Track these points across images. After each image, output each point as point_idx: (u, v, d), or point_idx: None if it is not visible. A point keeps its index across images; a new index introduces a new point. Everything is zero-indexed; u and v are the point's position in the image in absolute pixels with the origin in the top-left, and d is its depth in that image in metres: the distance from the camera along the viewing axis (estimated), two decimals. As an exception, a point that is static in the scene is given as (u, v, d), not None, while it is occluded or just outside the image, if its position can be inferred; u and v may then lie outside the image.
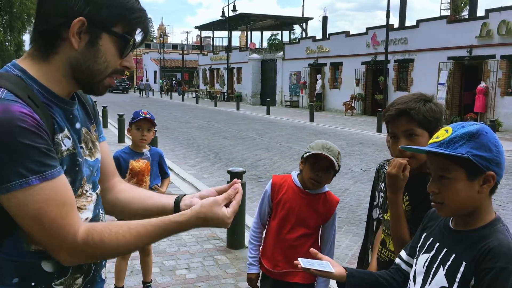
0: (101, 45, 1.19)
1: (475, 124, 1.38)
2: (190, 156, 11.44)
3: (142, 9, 1.24)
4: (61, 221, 1.11)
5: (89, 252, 1.16)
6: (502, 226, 1.37)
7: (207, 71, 46.04)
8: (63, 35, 1.15)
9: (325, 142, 2.49)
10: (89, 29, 1.16)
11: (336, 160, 2.42)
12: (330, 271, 1.55)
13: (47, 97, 1.18)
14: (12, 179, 1.04)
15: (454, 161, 1.34)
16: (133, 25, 1.22)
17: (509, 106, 17.56)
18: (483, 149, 1.33)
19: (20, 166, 1.04)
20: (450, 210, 1.41)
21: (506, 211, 6.77)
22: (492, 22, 18.38)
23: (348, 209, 6.81)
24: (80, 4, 1.14)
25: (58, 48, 1.18)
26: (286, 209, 2.55)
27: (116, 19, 1.18)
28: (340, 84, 27.51)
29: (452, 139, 1.35)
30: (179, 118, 21.83)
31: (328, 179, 2.51)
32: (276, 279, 2.59)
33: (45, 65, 1.19)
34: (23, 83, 1.14)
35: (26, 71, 1.17)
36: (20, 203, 1.06)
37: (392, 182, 1.81)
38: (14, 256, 1.15)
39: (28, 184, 1.05)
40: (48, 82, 1.19)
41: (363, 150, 12.53)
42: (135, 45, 1.26)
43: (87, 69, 1.20)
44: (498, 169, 1.36)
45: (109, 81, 1.26)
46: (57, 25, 1.15)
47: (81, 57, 1.18)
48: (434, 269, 1.42)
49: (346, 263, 4.86)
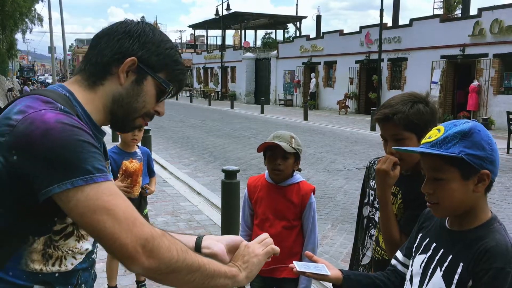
0: (145, 85, 1.29)
1: (468, 122, 1.36)
2: (184, 155, 11.42)
3: (183, 64, 1.38)
4: (134, 212, 1.10)
5: (167, 247, 1.10)
6: (499, 225, 1.35)
7: (201, 70, 45.95)
8: (113, 70, 1.26)
9: (276, 132, 2.58)
10: (138, 70, 1.27)
11: (288, 144, 2.47)
12: (326, 274, 1.54)
13: (87, 121, 1.24)
14: (78, 175, 1.05)
15: (447, 161, 1.32)
16: (175, 75, 1.33)
17: (502, 104, 17.66)
18: (476, 147, 1.31)
19: (87, 163, 1.07)
20: (445, 210, 1.39)
21: (499, 208, 6.82)
22: (485, 21, 18.48)
23: (342, 207, 6.83)
24: (135, 46, 1.26)
25: (105, 81, 1.27)
26: (263, 206, 2.63)
27: (163, 67, 1.30)
28: (334, 82, 27.56)
29: (444, 139, 1.33)
30: (173, 117, 21.78)
31: (289, 166, 2.55)
32: (265, 276, 2.61)
33: (91, 93, 1.27)
34: (71, 103, 1.21)
35: (73, 94, 1.25)
36: (89, 197, 1.05)
37: (382, 179, 1.79)
38: (10, 277, 1.13)
39: (93, 181, 1.07)
40: (90, 109, 1.26)
41: (357, 149, 12.56)
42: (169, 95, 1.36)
43: (126, 104, 1.29)
44: (493, 167, 1.33)
45: (140, 121, 1.35)
46: (111, 60, 1.25)
47: (125, 92, 1.28)
48: (431, 270, 1.40)
49: (340, 261, 4.87)
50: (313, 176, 8.89)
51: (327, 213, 6.56)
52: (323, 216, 6.35)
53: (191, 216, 6.23)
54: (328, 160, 10.84)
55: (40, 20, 34.86)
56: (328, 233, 5.77)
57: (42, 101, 1.13)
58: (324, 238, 5.54)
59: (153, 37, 1.29)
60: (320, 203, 6.78)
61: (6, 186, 1.08)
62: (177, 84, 1.35)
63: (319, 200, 6.88)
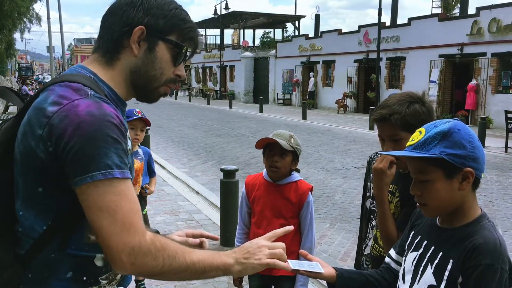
0: (157, 51, 1.30)
1: (448, 122, 1.38)
2: (183, 154, 11.43)
3: (192, 21, 1.37)
4: (134, 217, 1.13)
5: (153, 256, 1.14)
6: (487, 223, 1.37)
7: (200, 69, 45.91)
8: (125, 43, 1.28)
9: (276, 130, 2.60)
10: (148, 37, 1.28)
11: (286, 142, 2.50)
12: (319, 272, 1.55)
13: (114, 99, 1.29)
14: (97, 169, 1.09)
15: (430, 163, 1.35)
16: (186, 34, 1.33)
17: (500, 103, 17.68)
18: (456, 147, 1.33)
19: (108, 158, 1.11)
20: (434, 210, 1.42)
21: (497, 207, 6.84)
22: (483, 20, 18.50)
23: (340, 206, 6.85)
24: (140, 15, 1.27)
25: (121, 55, 1.29)
26: (261, 204, 2.64)
27: (171, 29, 1.30)
28: (332, 82, 27.57)
29: (425, 141, 1.36)
30: (172, 117, 21.77)
31: (286, 164, 2.56)
32: (263, 275, 2.63)
33: (110, 70, 1.30)
34: (97, 84, 1.25)
35: (96, 74, 1.28)
36: (100, 192, 1.10)
37: (378, 177, 1.82)
38: (75, 250, 1.20)
39: (112, 176, 1.11)
40: (113, 85, 1.30)
41: (355, 148, 12.58)
42: (187, 56, 1.36)
43: (145, 73, 1.31)
44: (476, 164, 1.35)
45: (164, 89, 1.36)
46: (121, 34, 1.28)
47: (141, 62, 1.30)
48: (422, 268, 1.43)
49: (338, 260, 4.89)
50: (311, 175, 8.91)
51: (325, 212, 6.58)
52: (321, 215, 6.37)
53: (190, 215, 6.25)
54: (327, 159, 10.86)
55: (38, 20, 34.86)
56: (327, 232, 5.79)
57: (73, 88, 1.17)
58: (323, 237, 5.56)
59: (156, 1, 1.29)
60: (319, 202, 6.81)
61: (55, 173, 1.14)
62: (190, 43, 1.35)
63: (318, 199, 6.90)
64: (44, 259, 1.20)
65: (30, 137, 1.15)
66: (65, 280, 1.21)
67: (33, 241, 1.19)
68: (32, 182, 1.17)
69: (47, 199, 1.17)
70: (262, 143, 2.57)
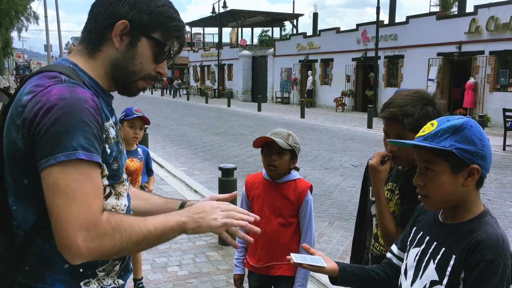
0: (139, 47, 1.29)
1: (461, 118, 1.39)
2: (181, 153, 11.41)
3: (180, 20, 1.35)
4: (93, 200, 1.12)
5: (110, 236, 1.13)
6: (490, 219, 1.38)
7: (198, 67, 45.88)
8: (108, 35, 1.28)
9: (274, 129, 2.60)
10: (131, 32, 1.27)
11: (284, 141, 2.49)
12: (322, 266, 1.56)
13: (94, 88, 1.28)
14: (61, 151, 1.09)
15: (438, 154, 1.36)
16: (171, 33, 1.32)
17: (498, 101, 17.71)
18: (467, 142, 1.34)
19: (73, 140, 1.10)
20: (434, 203, 1.42)
21: (495, 205, 6.85)
22: (481, 18, 18.52)
23: (339, 204, 6.85)
24: (125, 8, 1.26)
25: (103, 47, 1.29)
26: (260, 202, 2.63)
27: (156, 26, 1.29)
28: (330, 80, 27.58)
29: (436, 133, 1.37)
30: (170, 115, 21.75)
31: (284, 163, 2.55)
32: (262, 275, 2.62)
33: (92, 61, 1.30)
34: (76, 73, 1.25)
35: (77, 64, 1.28)
36: (61, 172, 1.08)
37: (372, 174, 1.86)
38: None
39: (75, 157, 1.09)
40: (94, 75, 1.30)
41: (353, 146, 12.58)
42: (171, 54, 1.36)
43: (124, 68, 1.30)
44: (483, 162, 1.36)
45: (142, 84, 1.36)
46: (104, 26, 1.27)
47: (121, 56, 1.29)
48: (425, 263, 1.43)
49: (337, 258, 4.89)
50: (310, 173, 8.91)
51: (324, 210, 6.58)
52: (320, 213, 6.37)
53: (189, 214, 6.23)
54: (325, 157, 10.86)
55: (36, 18, 34.82)
56: (325, 230, 5.79)
57: (48, 77, 1.18)
58: (321, 236, 5.56)
59: None
60: (317, 201, 6.80)
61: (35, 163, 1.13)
62: (174, 42, 1.35)
63: (316, 198, 6.90)
64: (40, 252, 1.20)
65: (12, 129, 1.16)
66: (61, 272, 1.21)
67: (24, 233, 1.20)
68: (18, 175, 1.18)
69: (33, 191, 1.17)
70: (260, 142, 2.56)
